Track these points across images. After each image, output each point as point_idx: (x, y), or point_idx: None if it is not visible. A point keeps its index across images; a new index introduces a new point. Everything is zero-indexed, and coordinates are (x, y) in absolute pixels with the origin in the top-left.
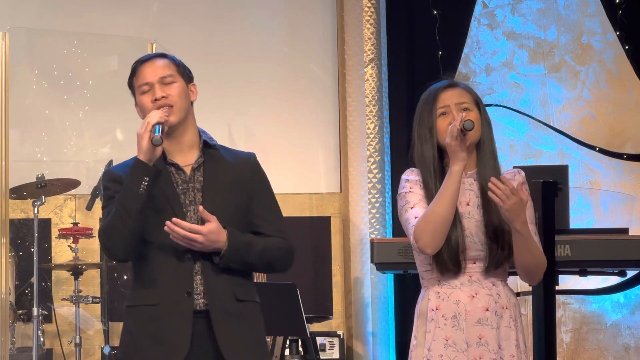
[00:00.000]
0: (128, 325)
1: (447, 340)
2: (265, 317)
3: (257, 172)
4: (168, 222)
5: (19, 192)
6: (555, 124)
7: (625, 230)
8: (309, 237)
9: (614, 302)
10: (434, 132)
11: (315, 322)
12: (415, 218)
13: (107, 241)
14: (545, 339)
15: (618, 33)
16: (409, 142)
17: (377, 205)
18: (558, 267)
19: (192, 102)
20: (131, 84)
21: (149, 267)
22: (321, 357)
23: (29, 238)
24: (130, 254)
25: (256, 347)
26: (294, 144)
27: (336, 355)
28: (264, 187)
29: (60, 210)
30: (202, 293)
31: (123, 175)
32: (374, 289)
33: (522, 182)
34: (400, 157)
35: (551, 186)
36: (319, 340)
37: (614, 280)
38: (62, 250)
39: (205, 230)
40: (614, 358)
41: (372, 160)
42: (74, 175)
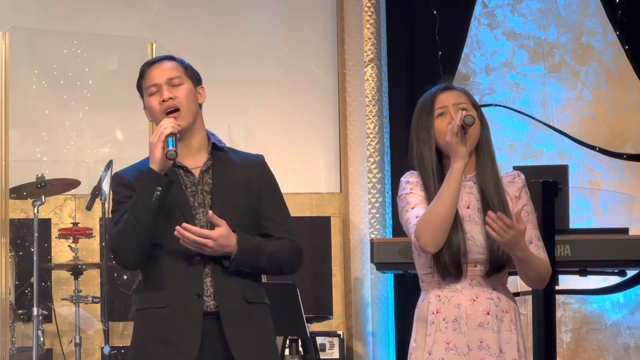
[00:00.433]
0: (138, 327)
1: (448, 344)
2: None
3: (265, 174)
4: (178, 227)
5: (19, 192)
6: (555, 124)
7: (625, 230)
8: (309, 237)
9: (614, 302)
10: (432, 133)
11: (315, 322)
12: (416, 218)
13: (118, 249)
14: (545, 339)
15: (618, 33)
16: (409, 141)
17: (377, 205)
18: (558, 267)
19: (200, 105)
20: (140, 86)
21: (158, 269)
22: (321, 357)
23: (29, 238)
24: (141, 262)
25: (266, 348)
26: (294, 144)
27: (336, 355)
28: (272, 189)
29: (60, 210)
30: (212, 295)
31: (132, 180)
32: (374, 289)
33: (522, 186)
34: (400, 157)
35: (551, 186)
36: (319, 340)
37: (614, 280)
38: (62, 250)
39: (215, 235)
40: (614, 358)
41: (372, 160)
42: (74, 175)
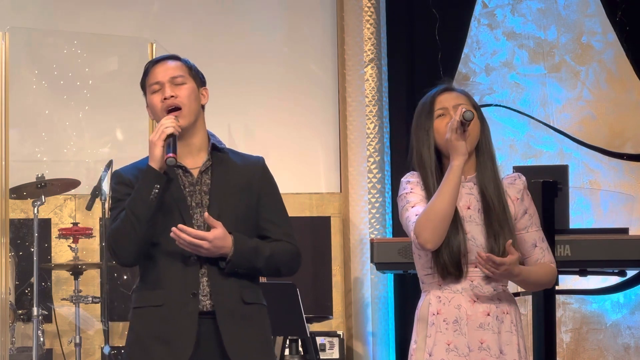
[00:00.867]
0: (134, 325)
1: (448, 345)
2: None
3: (265, 176)
4: (174, 229)
5: (19, 192)
6: (555, 124)
7: (625, 230)
8: (309, 237)
9: (614, 302)
10: (431, 133)
11: (315, 322)
12: (416, 216)
13: (116, 246)
14: (545, 339)
15: (618, 33)
16: (409, 142)
17: (377, 205)
18: (558, 267)
19: (203, 106)
20: (143, 84)
21: (155, 268)
22: (321, 357)
23: (29, 238)
24: (138, 259)
25: (262, 349)
26: (294, 144)
27: (336, 355)
28: (272, 191)
29: (60, 210)
30: (208, 295)
31: (132, 179)
32: (374, 289)
33: (523, 188)
34: (400, 157)
35: (551, 186)
36: (319, 340)
37: (614, 280)
38: (62, 250)
39: (211, 237)
40: (614, 358)
41: (372, 160)
42: (74, 175)
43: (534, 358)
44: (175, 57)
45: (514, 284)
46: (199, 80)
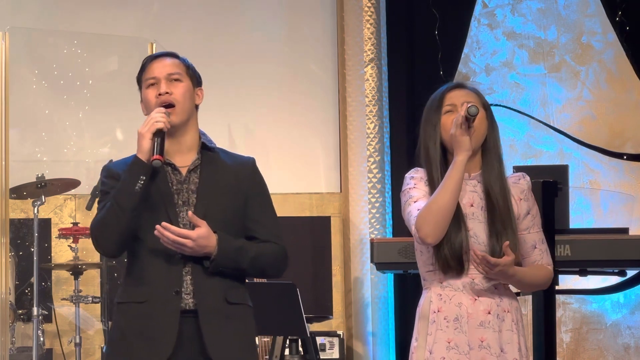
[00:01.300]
0: (117, 321)
1: (449, 343)
2: (265, 317)
3: (255, 177)
4: (158, 226)
5: (19, 192)
6: (555, 124)
7: (625, 230)
8: (309, 237)
9: (614, 302)
10: (438, 128)
11: (315, 322)
12: (418, 210)
13: (99, 236)
14: (545, 339)
15: (618, 33)
16: (409, 142)
17: (377, 205)
18: (558, 267)
19: (197, 106)
20: (139, 79)
21: (139, 264)
22: (321, 357)
23: (29, 238)
24: (120, 250)
25: (244, 349)
26: (294, 144)
27: (336, 355)
28: (260, 192)
29: (60, 210)
30: (191, 293)
31: (121, 173)
32: (374, 289)
33: (527, 188)
34: (400, 157)
35: (551, 186)
36: (319, 340)
37: (614, 280)
38: (62, 250)
39: (195, 235)
40: (614, 358)
41: (372, 160)
42: (74, 175)
43: (534, 358)
44: (173, 55)
45: None
46: (196, 80)
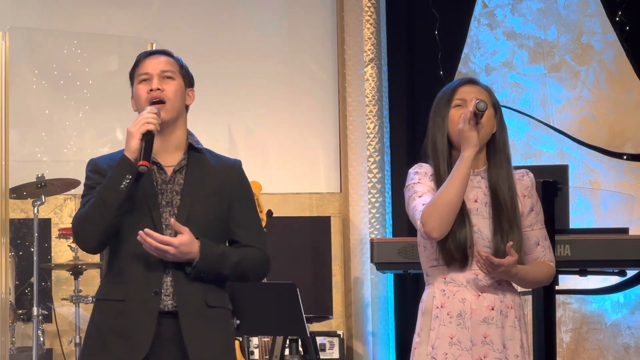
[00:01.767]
0: (95, 318)
1: (452, 339)
2: (265, 317)
3: (240, 180)
4: (140, 232)
5: (19, 192)
6: (555, 124)
7: (625, 230)
8: (309, 237)
9: (614, 302)
10: (446, 121)
11: (315, 322)
12: (423, 205)
13: (80, 230)
14: (545, 339)
15: (618, 33)
16: (409, 142)
17: (377, 205)
18: (558, 267)
19: (187, 107)
20: (132, 74)
21: (120, 262)
22: (321, 357)
23: (29, 238)
24: (101, 246)
25: (224, 351)
26: (294, 143)
27: (336, 355)
28: (245, 196)
29: (60, 210)
30: (171, 294)
31: (107, 168)
32: (374, 288)
33: (531, 185)
34: (400, 157)
35: (551, 186)
36: (319, 340)
37: (614, 280)
38: (62, 250)
39: (177, 242)
40: (614, 358)
41: (372, 160)
42: (74, 175)
43: (534, 358)
44: (168, 53)
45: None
46: (188, 80)
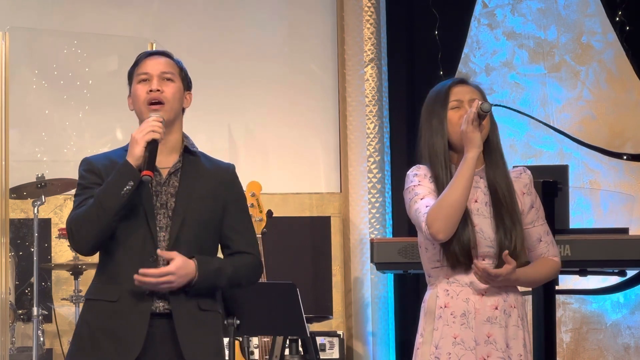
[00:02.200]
0: (86, 317)
1: (455, 338)
2: (265, 317)
3: (233, 184)
4: (136, 277)
5: (19, 192)
6: (555, 124)
7: (625, 230)
8: (309, 237)
9: (614, 302)
10: (445, 122)
11: (315, 322)
12: (427, 207)
13: (77, 232)
14: (545, 339)
15: (618, 33)
16: (409, 142)
17: (377, 205)
18: None
19: (183, 109)
20: (131, 73)
21: (113, 263)
22: (321, 357)
23: (29, 238)
24: (95, 249)
25: (216, 354)
26: (294, 143)
27: (336, 355)
28: (238, 200)
29: (60, 210)
30: (164, 296)
31: (102, 168)
32: (374, 288)
33: (529, 182)
34: (400, 157)
35: (551, 186)
36: (319, 340)
37: (614, 280)
38: (62, 250)
39: (174, 269)
40: (614, 358)
41: (372, 160)
42: (74, 175)
43: (534, 358)
44: (168, 55)
45: None
46: (187, 83)
